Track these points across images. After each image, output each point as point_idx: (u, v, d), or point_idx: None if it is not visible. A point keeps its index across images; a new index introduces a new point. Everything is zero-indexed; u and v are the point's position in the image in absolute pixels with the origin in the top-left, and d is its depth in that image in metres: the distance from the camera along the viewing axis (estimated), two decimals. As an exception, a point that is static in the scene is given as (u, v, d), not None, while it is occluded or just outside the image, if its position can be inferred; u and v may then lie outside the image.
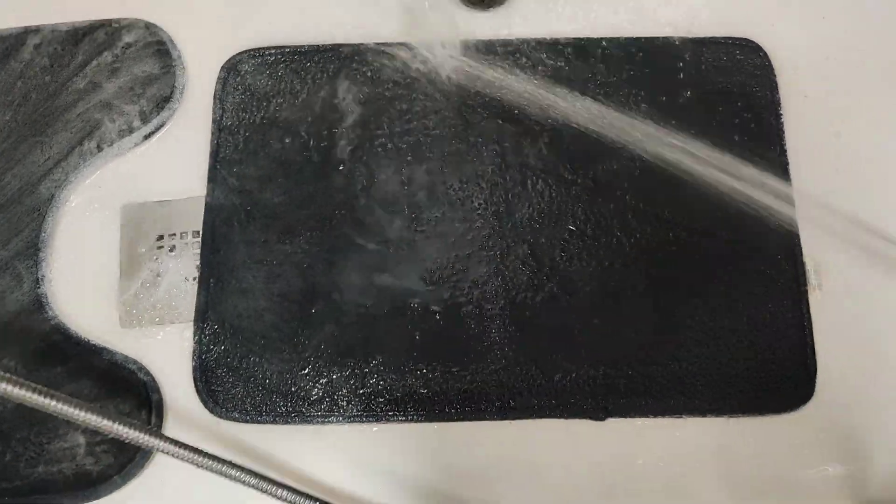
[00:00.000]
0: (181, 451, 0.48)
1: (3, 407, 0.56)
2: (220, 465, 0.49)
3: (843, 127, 0.62)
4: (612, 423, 0.56)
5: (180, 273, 0.61)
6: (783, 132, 0.62)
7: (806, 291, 0.58)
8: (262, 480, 0.49)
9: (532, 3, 0.66)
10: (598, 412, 0.56)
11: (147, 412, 0.56)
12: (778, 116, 0.62)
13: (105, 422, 0.45)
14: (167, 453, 0.48)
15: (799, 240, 0.59)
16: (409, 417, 0.56)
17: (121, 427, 0.46)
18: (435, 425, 0.56)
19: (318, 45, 0.65)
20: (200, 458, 0.48)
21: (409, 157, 0.62)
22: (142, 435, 0.47)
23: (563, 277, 0.58)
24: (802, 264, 0.58)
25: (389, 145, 0.62)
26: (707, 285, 0.58)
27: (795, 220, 0.59)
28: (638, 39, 0.64)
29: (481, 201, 0.60)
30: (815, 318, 0.57)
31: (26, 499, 0.54)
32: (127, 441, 0.46)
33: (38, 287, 0.60)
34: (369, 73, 0.64)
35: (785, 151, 0.61)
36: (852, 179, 0.61)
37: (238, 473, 0.49)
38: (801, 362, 0.56)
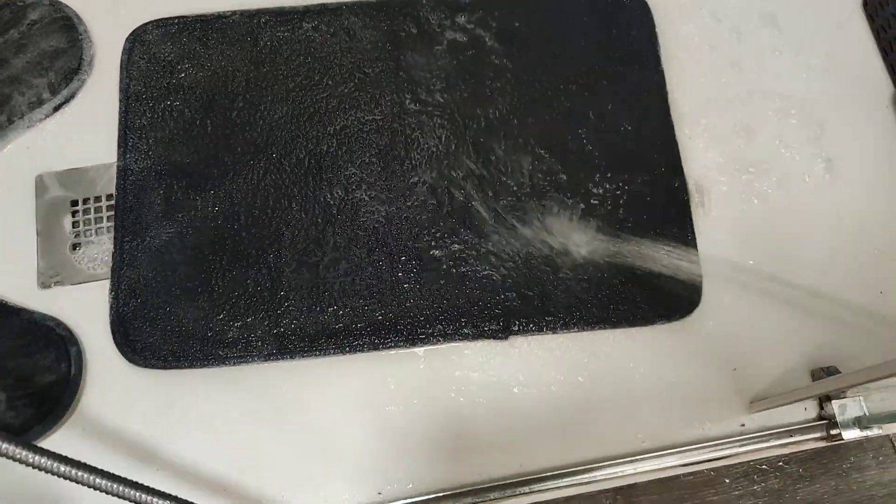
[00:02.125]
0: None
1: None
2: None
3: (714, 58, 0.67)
4: (515, 341, 0.59)
5: (96, 235, 0.63)
6: (661, 67, 0.66)
7: (689, 209, 0.62)
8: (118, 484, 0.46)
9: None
10: (502, 332, 0.59)
11: (66, 364, 0.58)
12: (655, 49, 0.66)
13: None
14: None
15: (680, 161, 0.63)
16: (323, 352, 0.58)
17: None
18: (348, 357, 0.59)
19: (219, 13, 0.67)
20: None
21: (310, 112, 0.64)
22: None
23: (463, 211, 0.61)
24: (685, 185, 0.62)
25: (289, 102, 0.65)
26: (601, 210, 0.61)
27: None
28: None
29: (382, 146, 0.63)
30: (699, 232, 0.61)
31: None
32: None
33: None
34: (270, 37, 0.67)
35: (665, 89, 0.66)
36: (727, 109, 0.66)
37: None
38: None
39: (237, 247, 0.61)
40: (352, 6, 0.68)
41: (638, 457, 0.56)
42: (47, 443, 0.56)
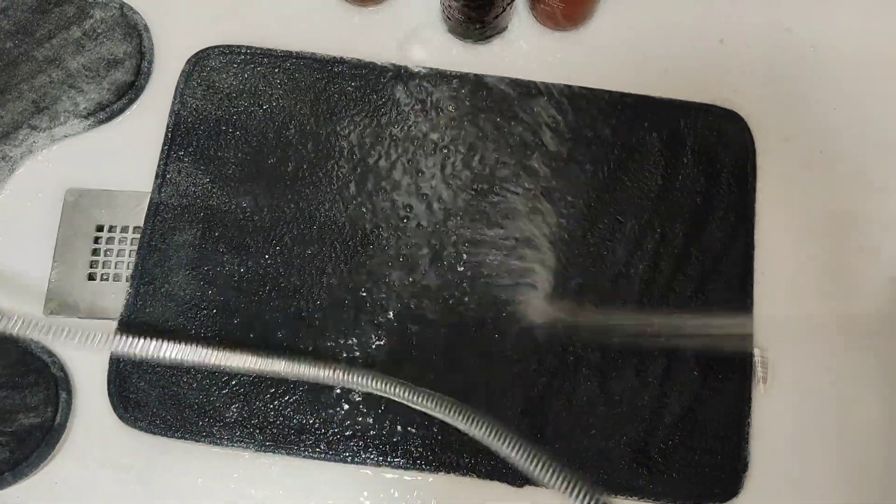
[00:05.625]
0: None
1: None
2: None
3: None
4: (530, 490, 0.54)
5: (114, 268, 0.58)
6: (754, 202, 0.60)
7: (751, 384, 0.56)
8: None
9: (520, 45, 0.64)
10: (517, 478, 0.53)
11: (53, 410, 0.54)
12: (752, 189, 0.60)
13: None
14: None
15: (751, 324, 0.57)
16: (323, 455, 0.54)
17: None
18: (350, 467, 0.54)
19: (291, 52, 0.62)
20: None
21: (368, 185, 0.59)
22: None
23: (503, 335, 0.56)
24: (751, 355, 0.56)
25: (349, 167, 0.60)
26: (653, 367, 0.56)
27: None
28: (625, 94, 0.62)
29: (431, 241, 0.58)
30: (756, 412, 0.55)
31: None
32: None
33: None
34: (341, 88, 0.61)
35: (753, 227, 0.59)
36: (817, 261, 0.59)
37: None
38: (733, 457, 0.54)
39: (256, 319, 0.56)
40: (432, 75, 0.62)
41: None
42: (14, 491, 0.53)
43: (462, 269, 0.57)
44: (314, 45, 0.63)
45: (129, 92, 0.62)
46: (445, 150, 0.60)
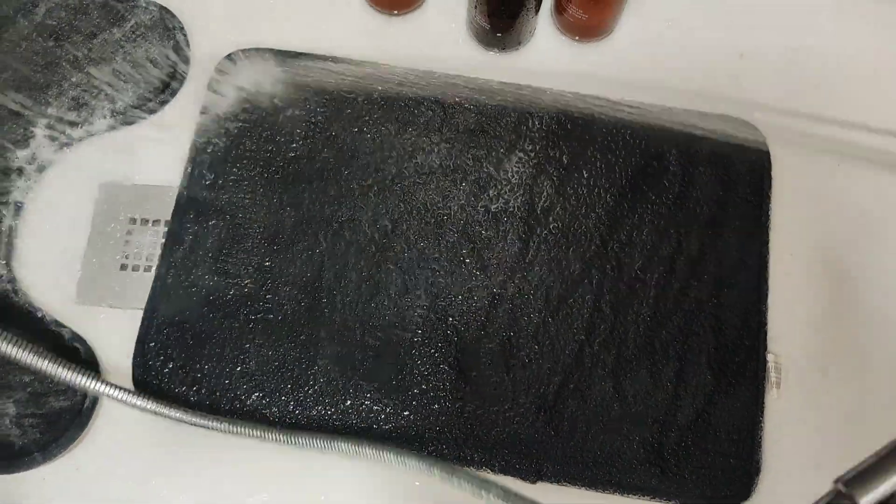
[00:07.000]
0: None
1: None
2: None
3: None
4: (543, 487, 0.54)
5: (143, 259, 0.60)
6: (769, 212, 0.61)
7: (764, 388, 0.56)
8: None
9: (543, 54, 0.66)
10: (531, 474, 0.54)
11: (83, 393, 0.56)
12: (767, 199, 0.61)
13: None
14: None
15: (765, 335, 0.57)
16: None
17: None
18: (366, 460, 0.55)
19: (320, 56, 0.64)
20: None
21: (394, 192, 0.61)
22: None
23: (520, 334, 0.57)
24: (764, 359, 0.57)
25: (372, 169, 0.61)
26: (666, 369, 0.56)
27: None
28: (645, 105, 0.64)
29: (452, 241, 0.60)
30: (769, 416, 0.56)
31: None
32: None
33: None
34: (368, 94, 0.63)
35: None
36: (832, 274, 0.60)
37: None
38: (746, 460, 0.55)
39: (278, 314, 0.58)
40: (456, 83, 0.64)
41: None
42: (42, 472, 0.54)
43: (473, 281, 0.59)
44: (343, 50, 0.65)
45: (165, 91, 0.64)
46: (467, 157, 0.62)
